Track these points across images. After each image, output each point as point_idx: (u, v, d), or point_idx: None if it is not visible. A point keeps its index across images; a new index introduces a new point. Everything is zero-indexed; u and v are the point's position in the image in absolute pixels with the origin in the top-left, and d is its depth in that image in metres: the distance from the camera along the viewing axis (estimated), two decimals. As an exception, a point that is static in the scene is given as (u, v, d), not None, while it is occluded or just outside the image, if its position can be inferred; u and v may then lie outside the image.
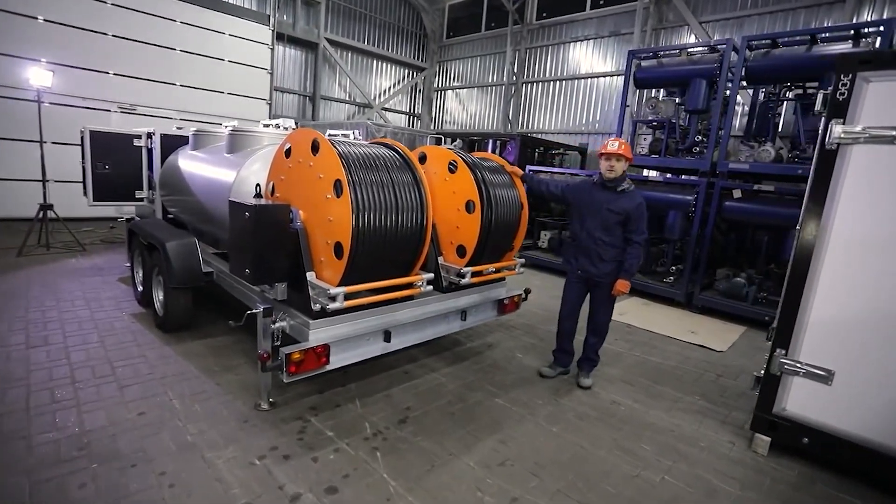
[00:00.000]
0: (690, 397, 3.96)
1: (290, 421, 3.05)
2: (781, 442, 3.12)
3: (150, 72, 9.65)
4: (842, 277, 2.84)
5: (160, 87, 9.85)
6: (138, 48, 9.43)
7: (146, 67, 9.59)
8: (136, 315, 4.63)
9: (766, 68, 6.14)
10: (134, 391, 3.22)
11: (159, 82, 9.81)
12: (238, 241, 3.00)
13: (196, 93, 10.33)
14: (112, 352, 3.79)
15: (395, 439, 2.96)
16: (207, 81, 10.43)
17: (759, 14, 9.33)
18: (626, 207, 3.66)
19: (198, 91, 10.36)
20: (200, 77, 10.32)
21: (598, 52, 12.39)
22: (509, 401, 3.63)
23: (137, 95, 9.56)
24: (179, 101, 10.09)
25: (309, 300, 2.94)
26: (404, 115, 16.63)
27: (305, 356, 2.83)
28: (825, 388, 2.93)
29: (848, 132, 2.74)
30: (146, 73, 9.61)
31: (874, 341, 2.75)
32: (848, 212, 2.79)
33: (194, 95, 10.30)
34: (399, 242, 3.10)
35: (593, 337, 4.01)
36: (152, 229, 4.47)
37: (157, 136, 5.45)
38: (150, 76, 9.67)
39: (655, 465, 2.96)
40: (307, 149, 3.00)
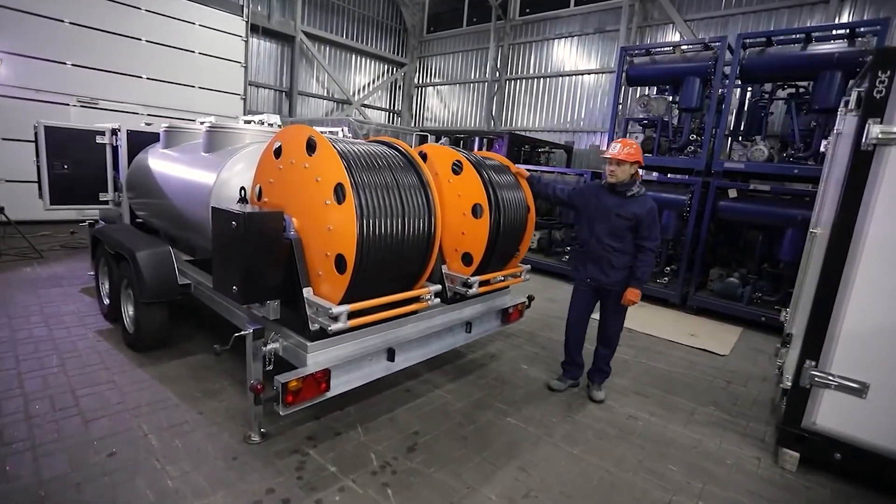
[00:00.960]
0: (705, 408, 3.80)
1: (286, 455, 2.70)
2: (811, 457, 2.98)
3: (112, 63, 8.95)
4: (878, 285, 2.70)
5: (124, 79, 9.16)
6: (99, 37, 8.73)
7: (108, 58, 8.89)
8: (103, 332, 4.16)
9: (762, 67, 6.07)
10: (102, 426, 2.81)
11: (123, 74, 9.12)
12: (223, 253, 2.63)
13: (164, 87, 9.67)
14: (75, 377, 3.34)
15: (406, 472, 2.66)
16: (176, 74, 9.79)
17: (744, 13, 9.37)
18: (636, 213, 3.45)
19: (166, 85, 9.71)
20: (169, 70, 9.67)
21: (582, 50, 12.28)
22: (522, 419, 3.37)
23: (99, 88, 8.86)
24: (146, 95, 9.42)
25: (306, 319, 2.61)
26: (384, 111, 16.19)
27: (304, 384, 2.50)
28: (859, 402, 2.79)
29: (886, 132, 2.59)
30: (108, 64, 8.91)
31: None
32: (885, 216, 2.64)
33: (162, 89, 9.64)
34: (406, 252, 2.80)
35: (604, 348, 3.80)
36: (120, 236, 4.01)
37: (124, 132, 4.95)
38: (113, 68, 8.98)
39: (686, 488, 2.76)
40: (301, 148, 2.66)
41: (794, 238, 5.77)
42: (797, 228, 5.72)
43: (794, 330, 3.88)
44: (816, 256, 3.69)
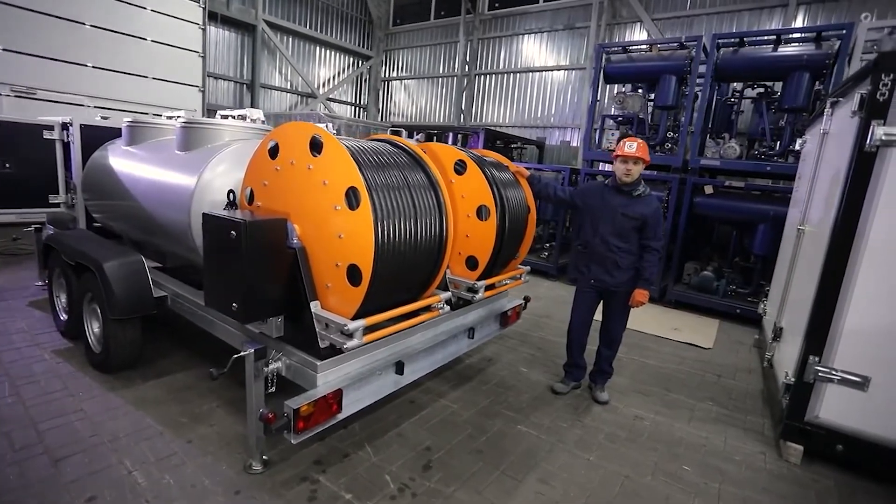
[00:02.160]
0: (703, 404, 3.86)
1: (295, 484, 2.48)
2: (815, 450, 3.06)
3: (51, 49, 8.07)
4: (880, 283, 2.78)
5: (66, 67, 8.29)
6: (34, 19, 7.83)
7: (46, 43, 8.00)
8: (61, 352, 3.71)
9: (735, 66, 6.27)
10: (75, 465, 2.47)
11: (64, 62, 8.25)
12: (219, 266, 2.35)
13: (113, 76, 8.85)
14: (35, 408, 2.94)
15: (426, 493, 2.50)
16: (127, 63, 8.98)
17: (708, 14, 9.70)
18: (643, 212, 3.42)
19: (114, 74, 8.88)
20: (118, 58, 8.85)
21: (552, 46, 12.35)
22: (532, 426, 3.29)
23: (36, 76, 7.96)
24: (92, 86, 8.58)
25: (314, 336, 2.39)
26: (350, 106, 15.70)
27: (315, 407, 2.28)
28: (861, 395, 2.88)
29: (889, 134, 2.66)
30: (46, 50, 8.03)
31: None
32: (887, 216, 2.72)
33: (111, 79, 8.82)
34: (418, 259, 2.62)
35: (607, 349, 3.77)
36: (80, 244, 3.57)
37: (76, 127, 4.43)
38: (53, 54, 8.10)
39: (704, 489, 2.76)
40: (303, 147, 2.41)
41: (767, 233, 6.01)
42: (769, 224, 5.97)
43: (784, 323, 4.02)
44: (805, 252, 3.82)
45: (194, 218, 2.93)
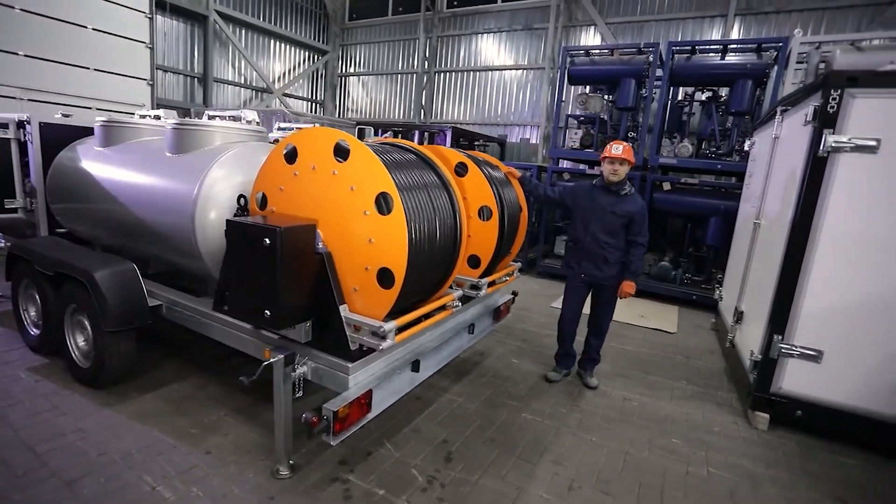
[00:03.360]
0: (679, 383, 4.25)
1: (327, 485, 2.52)
2: (779, 417, 3.50)
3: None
4: (832, 270, 3.22)
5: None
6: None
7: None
8: (37, 368, 3.46)
9: (688, 72, 6.82)
10: (91, 485, 2.36)
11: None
12: (247, 275, 2.33)
13: (49, 66, 8.07)
14: (26, 431, 2.75)
15: (454, 483, 2.63)
16: (65, 53, 8.22)
17: (656, 20, 10.37)
18: (630, 210, 3.71)
19: (51, 64, 8.11)
20: (54, 47, 8.08)
21: (511, 45, 12.66)
22: (535, 414, 3.50)
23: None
24: (24, 76, 7.79)
25: (342, 339, 2.43)
26: (306, 101, 15.25)
27: (350, 409, 2.33)
28: (816, 367, 3.33)
29: (838, 141, 3.08)
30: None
31: (859, 322, 3.18)
32: (838, 212, 3.16)
33: (46, 70, 8.04)
34: (437, 259, 2.73)
35: (596, 339, 4.06)
36: (58, 253, 3.34)
37: (35, 125, 4.08)
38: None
39: (695, 458, 3.09)
40: (327, 153, 2.44)
41: (718, 225, 6.62)
42: (719, 217, 6.57)
43: (744, 307, 4.49)
44: (763, 244, 4.29)
45: (199, 224, 2.86)
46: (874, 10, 8.51)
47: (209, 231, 2.89)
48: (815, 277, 3.27)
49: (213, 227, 2.88)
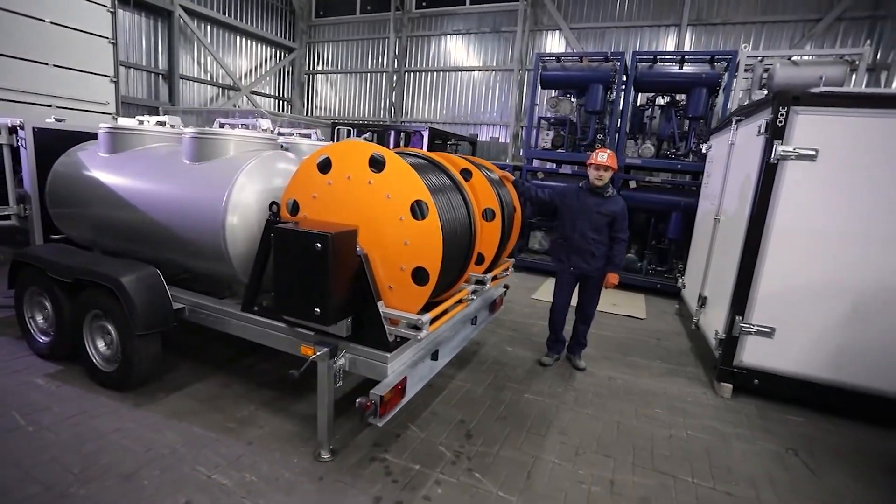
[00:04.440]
0: (655, 362, 4.80)
1: (367, 464, 2.79)
2: (740, 386, 4.08)
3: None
4: (782, 259, 3.80)
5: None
6: None
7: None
8: (55, 375, 3.49)
9: (650, 80, 7.43)
10: (150, 477, 2.52)
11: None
12: (297, 277, 2.55)
13: (2, 62, 7.66)
14: (65, 432, 2.83)
15: (478, 455, 2.98)
16: (21, 48, 7.77)
17: (616, 27, 11.06)
18: (613, 210, 4.17)
19: (4, 60, 7.68)
20: (8, 41, 7.66)
21: (479, 47, 13.04)
22: (536, 394, 3.90)
23: None
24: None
25: (378, 332, 2.71)
26: (273, 99, 15.00)
27: (392, 394, 2.62)
28: (769, 341, 3.92)
29: (786, 151, 3.65)
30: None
31: (803, 303, 3.78)
32: (786, 210, 3.73)
33: (1, 66, 7.63)
34: (457, 256, 3.04)
35: (583, 325, 4.51)
36: (75, 260, 3.39)
37: (29, 130, 4.02)
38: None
39: (675, 423, 3.59)
40: (363, 164, 2.69)
41: (678, 220, 7.30)
42: (680, 212, 7.25)
43: (707, 293, 5.09)
44: (722, 237, 4.89)
45: (229, 230, 3.02)
46: (805, 26, 9.53)
47: (238, 236, 3.06)
48: (769, 265, 3.84)
49: (241, 232, 3.07)
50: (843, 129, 3.54)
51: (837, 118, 3.54)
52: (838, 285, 3.69)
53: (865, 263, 3.60)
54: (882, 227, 3.53)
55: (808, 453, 3.32)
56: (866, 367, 3.67)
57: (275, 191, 3.18)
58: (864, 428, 3.69)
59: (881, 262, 3.56)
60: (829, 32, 9.39)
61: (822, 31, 9.38)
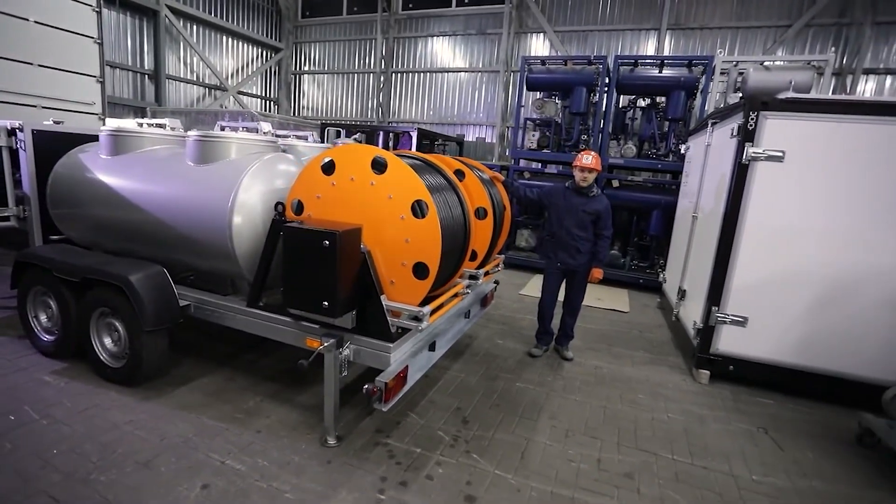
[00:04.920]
0: (638, 352, 5.07)
1: (371, 449, 2.97)
2: (716, 372, 4.36)
3: None
4: (753, 253, 4.09)
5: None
6: None
7: None
8: (61, 372, 3.57)
9: (632, 82, 7.74)
10: (167, 463, 2.65)
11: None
12: (305, 272, 2.71)
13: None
14: (80, 424, 2.94)
15: (475, 439, 3.18)
16: (5, 48, 7.71)
17: (599, 31, 11.38)
18: (597, 209, 4.41)
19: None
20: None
21: (466, 49, 13.25)
22: (527, 382, 4.12)
23: None
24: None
25: (381, 324, 2.88)
26: (260, 99, 14.97)
27: (395, 381, 2.80)
28: (743, 330, 4.21)
29: (756, 152, 3.94)
30: None
31: (773, 293, 4.08)
32: (756, 208, 4.02)
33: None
34: (454, 251, 3.24)
35: (570, 317, 4.75)
36: (81, 260, 3.49)
37: (28, 133, 4.08)
38: None
39: (656, 407, 3.84)
40: (365, 166, 2.87)
41: (659, 218, 7.62)
42: (660, 210, 7.57)
43: (686, 286, 5.39)
44: (700, 233, 5.18)
45: (235, 229, 3.16)
46: (776, 31, 9.97)
47: (244, 235, 3.21)
48: (742, 259, 4.13)
49: (247, 232, 3.21)
50: (806, 132, 3.84)
51: (801, 122, 3.84)
52: (804, 277, 3.99)
53: (829, 256, 3.91)
54: (843, 222, 3.84)
55: (777, 431, 3.61)
56: (829, 352, 3.99)
57: (277, 191, 3.33)
58: (827, 407, 4.00)
59: (843, 255, 3.87)
60: (799, 38, 9.86)
61: (793, 36, 9.84)
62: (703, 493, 2.82)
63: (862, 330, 3.88)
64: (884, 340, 3.82)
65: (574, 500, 2.66)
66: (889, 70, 9.35)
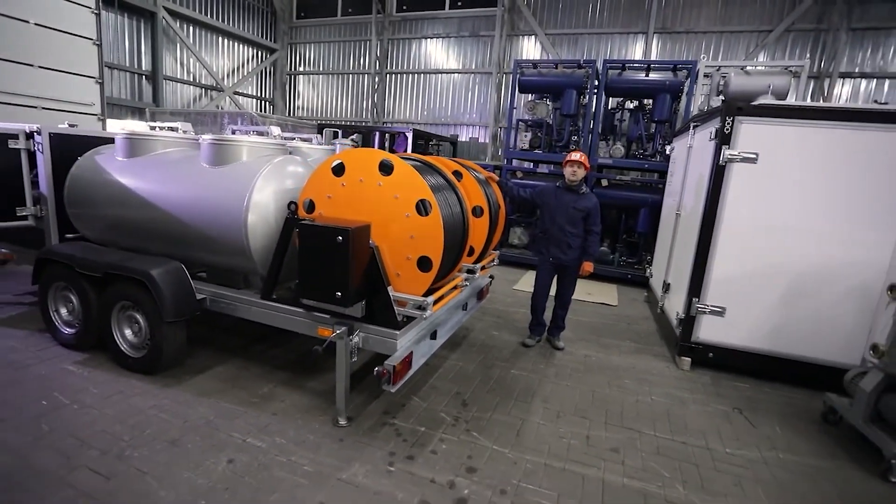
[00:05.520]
0: (625, 342, 5.38)
1: (380, 428, 3.23)
2: (697, 359, 4.68)
3: None
4: (730, 248, 4.41)
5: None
6: None
7: None
8: (83, 362, 3.78)
9: (620, 86, 8.06)
10: (193, 441, 2.89)
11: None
12: (320, 266, 2.96)
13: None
14: (108, 408, 3.16)
15: (474, 419, 3.45)
16: (6, 49, 7.84)
17: (589, 34, 11.70)
18: (587, 206, 4.70)
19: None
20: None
21: (459, 50, 13.51)
22: (522, 370, 4.40)
23: None
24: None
25: (388, 313, 3.14)
26: (256, 99, 15.10)
27: (401, 365, 3.06)
28: (721, 319, 4.53)
29: (732, 154, 4.25)
30: None
31: (748, 285, 4.40)
32: (732, 206, 4.34)
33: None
34: (454, 246, 3.50)
35: (561, 310, 5.04)
36: (103, 257, 3.70)
37: (45, 136, 4.26)
38: None
39: (641, 391, 4.15)
40: (373, 169, 3.12)
41: (646, 216, 7.95)
42: (648, 208, 7.90)
43: (670, 280, 5.71)
44: (682, 230, 5.50)
45: (250, 227, 3.40)
46: (758, 36, 10.36)
47: (258, 232, 3.45)
48: (720, 253, 4.45)
49: (261, 229, 3.45)
50: (777, 136, 4.15)
51: (773, 127, 4.15)
52: (777, 270, 4.32)
53: (799, 251, 4.24)
54: (811, 219, 4.17)
55: (750, 411, 3.93)
56: (800, 339, 4.31)
57: (287, 192, 3.57)
58: (797, 390, 4.33)
59: (812, 249, 4.19)
60: (780, 42, 10.25)
61: (774, 41, 10.24)
62: (682, 465, 3.12)
63: (829, 319, 4.21)
64: (848, 328, 4.15)
65: (565, 471, 2.95)
66: (864, 74, 9.78)
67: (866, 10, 9.47)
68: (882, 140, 3.91)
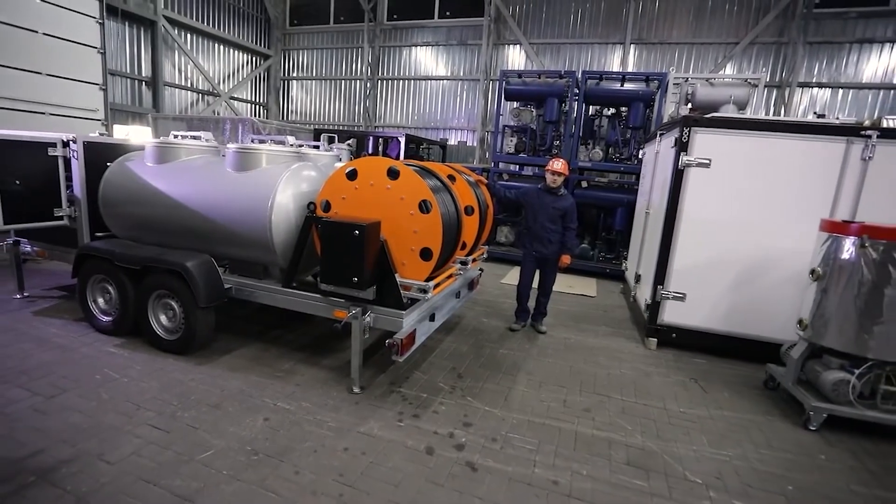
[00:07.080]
0: (601, 327, 6.02)
1: (388, 395, 3.79)
2: (662, 340, 5.33)
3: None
4: (689, 241, 5.07)
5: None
6: None
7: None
8: (122, 346, 4.27)
9: (597, 95, 8.74)
10: (232, 406, 3.41)
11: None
12: (339, 256, 3.51)
13: (1, 72, 8.05)
14: (153, 382, 3.66)
15: (468, 388, 4.03)
16: (16, 58, 8.19)
17: (570, 44, 12.40)
18: (565, 206, 5.33)
19: (3, 70, 8.08)
20: (5, 52, 8.06)
21: (448, 57, 14.11)
22: (509, 350, 5.00)
23: None
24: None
25: (395, 296, 3.71)
26: (251, 104, 15.50)
27: (407, 339, 3.63)
28: (682, 304, 5.18)
29: (689, 160, 4.91)
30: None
31: (704, 274, 5.06)
32: (689, 204, 4.99)
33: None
34: (450, 240, 4.08)
35: (544, 297, 5.66)
36: (139, 252, 4.20)
37: (80, 144, 4.72)
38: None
39: (612, 367, 4.78)
40: (382, 174, 3.68)
41: (623, 214, 8.63)
42: (624, 208, 8.58)
43: (641, 272, 6.37)
44: (651, 226, 6.17)
45: (274, 225, 3.93)
46: (726, 48, 11.16)
47: (280, 229, 3.98)
48: (680, 246, 5.10)
49: (283, 226, 3.98)
50: (727, 144, 4.82)
51: (723, 136, 4.82)
52: (728, 259, 4.99)
53: (747, 243, 4.91)
54: (756, 215, 4.84)
55: (704, 381, 4.58)
56: (748, 319, 4.99)
57: (304, 194, 4.11)
58: (747, 364, 5.00)
59: (758, 241, 4.87)
60: (745, 54, 11.07)
61: (740, 52, 11.05)
62: (642, 420, 3.74)
63: (771, 301, 4.89)
64: (787, 308, 4.81)
65: (545, 425, 3.54)
66: (820, 84, 10.65)
67: (821, 26, 10.33)
68: (812, 148, 4.60)
